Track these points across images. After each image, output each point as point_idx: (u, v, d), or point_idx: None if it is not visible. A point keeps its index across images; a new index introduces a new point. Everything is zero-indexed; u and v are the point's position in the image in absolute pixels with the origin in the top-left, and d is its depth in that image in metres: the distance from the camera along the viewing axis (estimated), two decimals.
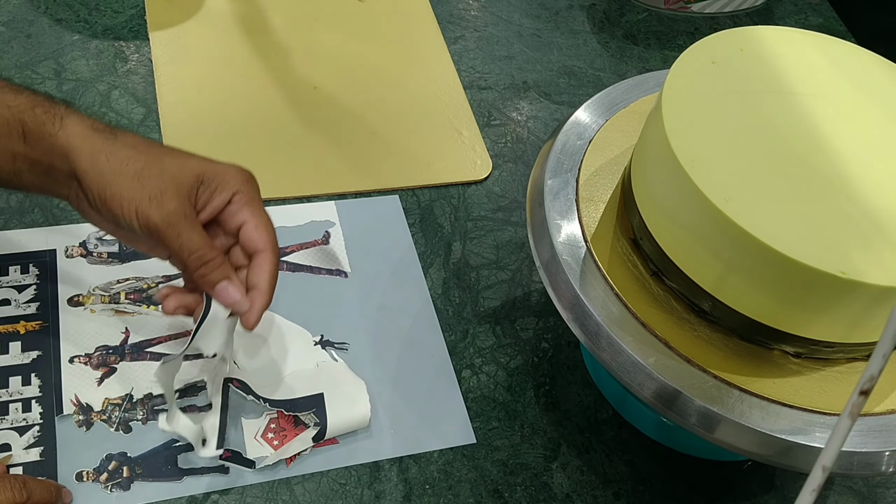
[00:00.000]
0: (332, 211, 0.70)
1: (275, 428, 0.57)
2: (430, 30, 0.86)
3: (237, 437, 0.56)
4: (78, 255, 0.63)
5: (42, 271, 0.62)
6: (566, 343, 0.65)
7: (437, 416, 0.60)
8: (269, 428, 0.57)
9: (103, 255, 0.64)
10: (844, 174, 0.47)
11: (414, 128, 0.77)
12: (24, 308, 0.60)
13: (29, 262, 0.62)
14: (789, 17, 0.96)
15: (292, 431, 0.57)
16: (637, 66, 0.88)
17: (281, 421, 0.58)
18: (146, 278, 0.63)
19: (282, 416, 0.58)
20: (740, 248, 0.45)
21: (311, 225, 0.69)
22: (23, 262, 0.62)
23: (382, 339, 0.63)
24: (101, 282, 0.62)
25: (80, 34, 0.79)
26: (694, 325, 0.50)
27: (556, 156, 0.57)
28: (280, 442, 0.57)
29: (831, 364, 0.50)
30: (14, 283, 0.61)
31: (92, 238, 0.64)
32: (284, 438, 0.57)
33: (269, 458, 0.55)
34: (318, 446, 0.57)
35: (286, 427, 0.57)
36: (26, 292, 0.61)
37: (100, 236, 0.64)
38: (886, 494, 0.61)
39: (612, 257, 0.53)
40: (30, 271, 0.62)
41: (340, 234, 0.69)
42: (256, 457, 0.56)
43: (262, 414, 0.58)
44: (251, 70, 0.79)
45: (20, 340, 0.58)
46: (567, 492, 0.58)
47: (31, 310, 0.60)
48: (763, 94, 0.51)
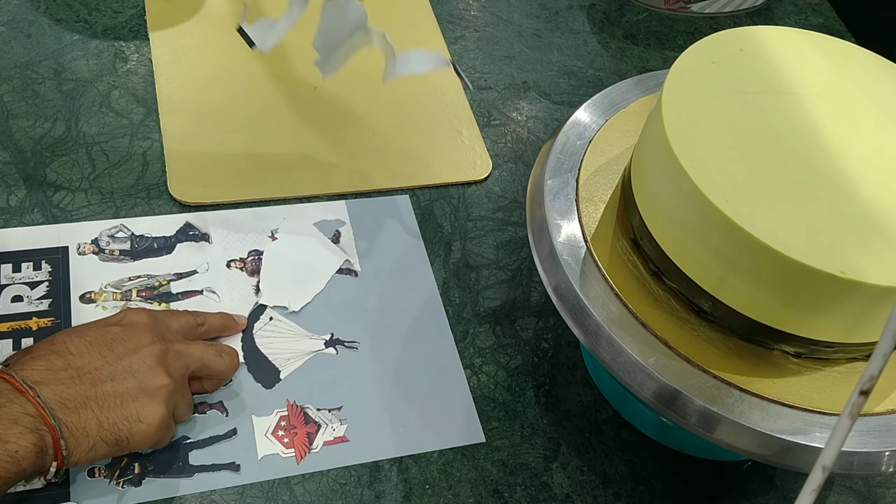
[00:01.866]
0: (343, 210, 0.70)
1: (285, 426, 0.57)
2: (430, 30, 0.86)
3: (248, 435, 0.57)
4: (90, 253, 0.64)
5: (54, 268, 0.62)
6: (566, 343, 0.65)
7: (446, 415, 0.60)
8: (279, 425, 0.57)
9: (115, 252, 0.64)
10: (844, 174, 0.47)
11: (414, 128, 0.77)
12: (37, 304, 0.60)
13: (41, 259, 0.63)
14: (789, 17, 0.96)
15: (302, 428, 0.57)
16: (637, 66, 0.88)
17: (291, 418, 0.58)
18: (157, 276, 0.63)
19: (292, 413, 0.58)
20: (740, 248, 0.45)
21: (321, 224, 0.69)
22: (35, 259, 0.63)
23: (392, 336, 0.63)
24: (112, 279, 0.63)
25: (80, 34, 0.79)
26: (694, 325, 0.50)
27: (556, 156, 0.57)
28: (290, 439, 0.57)
29: (831, 364, 0.50)
30: (27, 280, 0.61)
31: (104, 235, 0.65)
32: (295, 436, 0.57)
33: (278, 454, 0.56)
34: (329, 444, 0.57)
35: (296, 424, 0.58)
36: (38, 289, 0.61)
37: (112, 234, 0.65)
38: (886, 494, 0.61)
39: (612, 257, 0.53)
40: (42, 268, 0.62)
41: (351, 234, 0.69)
42: (267, 454, 0.56)
43: (272, 411, 0.58)
44: (251, 70, 0.79)
45: (32, 337, 0.58)
46: (567, 492, 0.58)
47: (43, 306, 0.60)
48: (763, 94, 0.51)
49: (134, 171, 0.69)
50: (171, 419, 0.53)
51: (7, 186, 0.67)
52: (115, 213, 0.66)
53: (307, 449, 0.57)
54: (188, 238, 0.66)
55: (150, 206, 0.67)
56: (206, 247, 0.66)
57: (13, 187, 0.67)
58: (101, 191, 0.68)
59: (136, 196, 0.68)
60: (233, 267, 0.65)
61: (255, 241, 0.66)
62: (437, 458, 0.58)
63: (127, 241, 0.65)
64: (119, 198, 0.67)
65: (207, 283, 0.64)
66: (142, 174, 0.69)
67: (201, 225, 0.67)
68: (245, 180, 0.70)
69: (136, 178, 0.69)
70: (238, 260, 0.65)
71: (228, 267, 0.65)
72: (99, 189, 0.68)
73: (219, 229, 0.67)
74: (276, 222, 0.68)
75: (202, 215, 0.67)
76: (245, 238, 0.67)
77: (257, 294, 0.64)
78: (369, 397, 0.60)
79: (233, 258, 0.65)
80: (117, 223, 0.66)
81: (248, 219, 0.68)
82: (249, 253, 0.66)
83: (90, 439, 0.49)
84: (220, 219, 0.67)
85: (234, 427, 0.57)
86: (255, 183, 0.70)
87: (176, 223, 0.67)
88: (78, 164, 0.69)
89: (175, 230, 0.66)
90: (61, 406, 0.48)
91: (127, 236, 0.65)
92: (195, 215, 0.67)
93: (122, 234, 0.65)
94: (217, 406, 0.58)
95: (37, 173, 0.68)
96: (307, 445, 0.57)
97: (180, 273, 0.64)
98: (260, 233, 0.67)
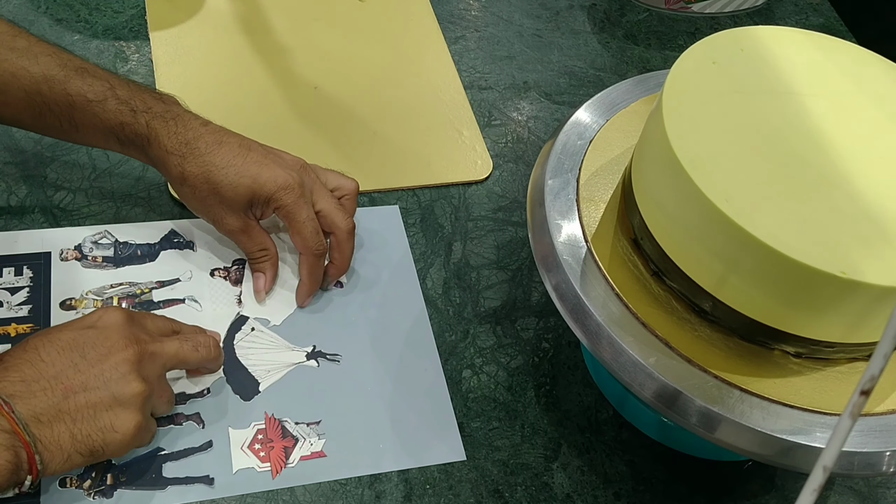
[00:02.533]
0: None
1: (262, 439, 0.57)
2: (431, 30, 0.86)
3: (223, 447, 0.56)
4: (73, 259, 0.63)
5: (36, 273, 0.61)
6: (567, 343, 0.65)
7: (427, 431, 0.59)
8: (255, 439, 0.57)
9: (98, 259, 0.63)
10: (845, 174, 0.47)
11: (414, 128, 0.77)
12: (16, 310, 0.59)
13: (23, 265, 0.62)
14: (790, 17, 0.96)
15: (279, 442, 0.57)
16: (637, 66, 0.88)
17: (269, 431, 0.57)
18: (139, 283, 0.63)
19: (269, 427, 0.57)
20: (740, 248, 0.45)
21: None
22: (17, 263, 0.62)
23: (375, 351, 0.62)
24: (94, 286, 0.62)
25: (81, 34, 0.79)
26: (694, 325, 0.50)
27: (556, 156, 0.57)
28: (266, 453, 0.56)
29: (832, 364, 0.50)
30: (7, 285, 0.60)
31: (87, 242, 0.64)
32: (271, 450, 0.56)
33: (253, 468, 0.55)
34: (306, 458, 0.56)
35: (273, 438, 0.57)
36: (19, 294, 0.60)
37: (96, 240, 0.64)
38: (887, 494, 0.61)
39: (613, 257, 0.53)
40: (24, 273, 0.61)
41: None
42: (242, 468, 0.55)
43: (249, 424, 0.57)
44: (251, 70, 0.79)
45: (10, 343, 0.58)
46: (567, 492, 0.58)
47: (22, 312, 0.59)
48: (763, 94, 0.51)
49: (134, 171, 0.69)
50: (148, 422, 0.53)
51: (7, 186, 0.67)
52: (116, 213, 0.66)
53: (283, 463, 0.56)
54: (172, 246, 0.65)
55: (150, 206, 0.67)
56: (190, 254, 0.65)
57: (13, 187, 0.67)
58: (101, 191, 0.68)
59: (136, 196, 0.68)
60: (216, 275, 0.64)
61: (239, 250, 0.65)
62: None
63: (110, 247, 0.64)
64: (119, 198, 0.67)
65: (190, 291, 0.63)
66: (142, 174, 0.69)
67: (186, 232, 0.66)
68: None
69: (136, 178, 0.69)
70: (222, 269, 0.65)
71: (212, 275, 0.64)
72: (99, 189, 0.68)
73: (204, 237, 0.66)
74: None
75: (187, 223, 0.66)
76: (230, 246, 0.66)
77: (239, 304, 0.63)
78: (349, 412, 0.59)
79: (216, 267, 0.65)
80: (101, 229, 0.65)
81: None
82: (234, 262, 0.65)
83: (64, 452, 0.48)
84: (205, 226, 0.66)
85: (209, 439, 0.56)
86: None
87: (161, 230, 0.66)
88: (78, 164, 0.69)
89: (160, 237, 0.65)
90: (35, 421, 0.47)
91: (111, 243, 0.64)
92: (180, 223, 0.66)
93: (105, 241, 0.64)
94: (193, 417, 0.57)
95: (37, 173, 0.68)
96: (283, 460, 0.56)
97: (163, 281, 0.63)
98: None
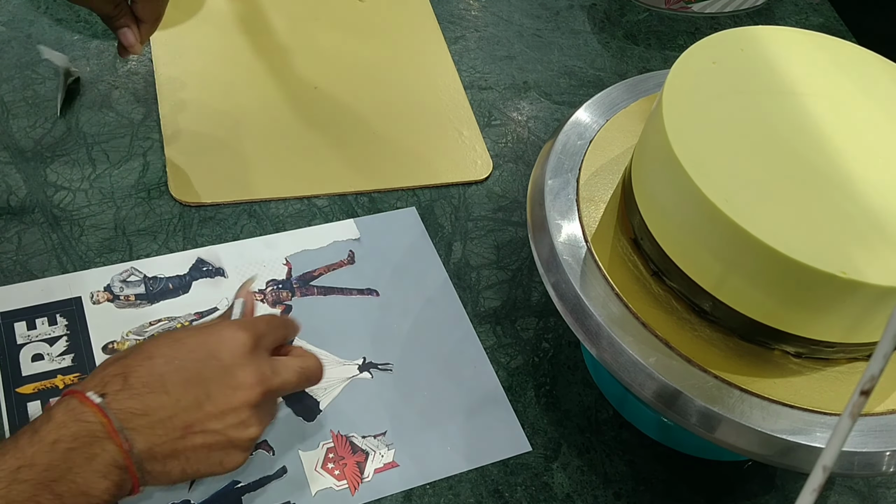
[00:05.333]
0: (353, 229, 0.69)
1: (333, 457, 0.56)
2: (431, 30, 0.86)
3: (298, 471, 0.56)
4: (105, 301, 0.61)
5: (70, 321, 0.60)
6: (567, 343, 0.65)
7: (489, 428, 0.60)
8: (327, 458, 0.56)
9: (130, 297, 0.62)
10: (845, 174, 0.47)
11: (414, 128, 0.77)
12: (59, 361, 0.58)
13: (55, 313, 0.60)
14: (790, 17, 0.96)
15: (351, 458, 0.57)
16: (637, 66, 0.87)
17: (339, 449, 0.57)
18: (178, 317, 0.62)
19: (338, 444, 0.57)
20: (740, 248, 0.45)
21: (334, 245, 0.68)
22: (49, 313, 0.60)
23: (422, 354, 0.62)
24: (132, 325, 0.60)
25: (81, 34, 0.79)
26: (694, 325, 0.50)
27: (556, 156, 0.57)
28: (341, 471, 0.56)
29: (832, 364, 0.50)
30: (44, 336, 0.59)
31: (116, 281, 0.62)
32: (344, 467, 0.56)
33: (332, 488, 0.55)
34: (380, 471, 0.56)
35: (344, 455, 0.57)
36: (58, 344, 0.59)
37: (124, 278, 0.63)
38: (887, 494, 0.61)
39: (613, 257, 0.53)
40: (57, 322, 0.60)
41: (365, 252, 0.68)
42: (320, 489, 0.55)
43: (318, 444, 0.57)
44: (251, 70, 0.79)
45: (59, 395, 0.54)
46: (567, 492, 0.58)
47: (66, 362, 0.58)
48: (763, 94, 0.51)
49: (134, 171, 0.69)
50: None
51: (7, 186, 0.67)
52: (116, 213, 0.66)
53: (359, 479, 0.56)
54: (202, 274, 0.64)
55: (151, 206, 0.67)
56: (222, 281, 0.64)
57: (13, 187, 0.67)
58: (101, 191, 0.68)
59: (136, 196, 0.68)
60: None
61: (271, 270, 0.65)
62: None
63: (140, 284, 0.63)
64: (119, 198, 0.67)
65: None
66: (142, 174, 0.69)
67: (214, 259, 0.65)
68: (245, 180, 0.70)
69: (136, 178, 0.69)
70: (257, 292, 0.64)
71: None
72: (99, 189, 0.68)
73: (232, 261, 0.65)
74: (287, 249, 0.66)
75: (213, 249, 0.66)
76: (260, 268, 0.65)
77: None
78: (412, 419, 0.59)
79: (251, 291, 0.64)
80: (127, 266, 0.63)
81: (258, 248, 0.66)
82: (268, 283, 0.64)
83: (170, 480, 0.47)
84: (230, 251, 0.65)
85: (283, 465, 0.56)
86: (255, 183, 0.70)
87: (188, 260, 0.65)
88: (78, 164, 0.69)
89: (188, 267, 0.64)
90: (150, 457, 0.46)
91: (140, 279, 0.63)
92: (206, 250, 0.65)
93: (134, 278, 0.63)
94: (262, 445, 0.56)
95: (37, 173, 0.68)
96: (359, 475, 0.56)
97: (201, 312, 0.62)
98: (273, 261, 0.66)
